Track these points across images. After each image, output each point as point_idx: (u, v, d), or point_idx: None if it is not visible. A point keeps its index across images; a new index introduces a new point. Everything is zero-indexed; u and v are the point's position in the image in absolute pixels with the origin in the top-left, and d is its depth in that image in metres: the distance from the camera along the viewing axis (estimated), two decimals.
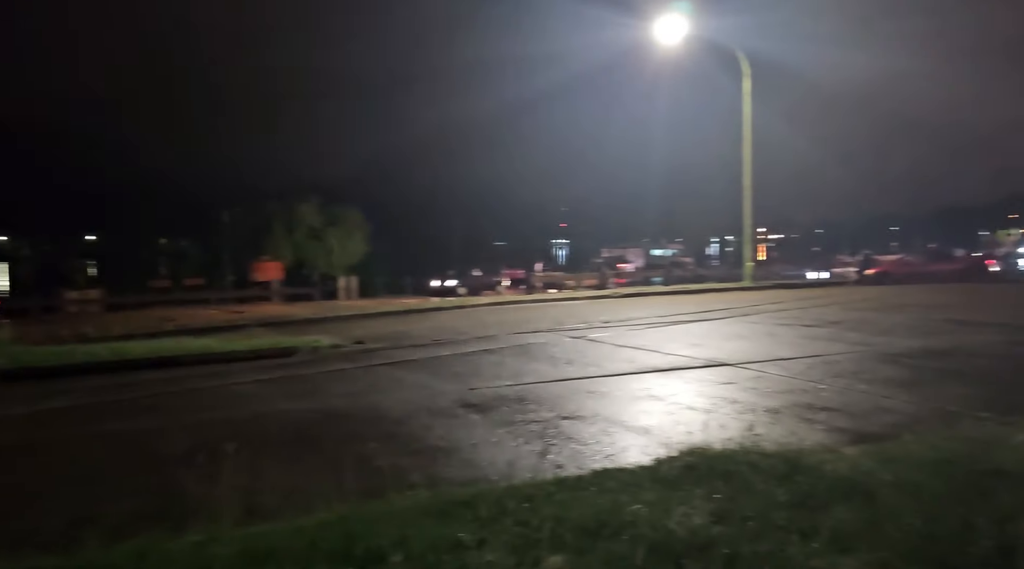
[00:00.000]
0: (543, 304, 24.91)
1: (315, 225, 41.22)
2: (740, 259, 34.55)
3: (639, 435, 6.32)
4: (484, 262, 55.61)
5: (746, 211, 31.67)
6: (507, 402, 7.84)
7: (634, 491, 4.22)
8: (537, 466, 5.23)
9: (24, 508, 4.70)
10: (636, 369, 9.87)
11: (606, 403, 7.73)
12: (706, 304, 21.39)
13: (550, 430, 6.53)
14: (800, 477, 4.31)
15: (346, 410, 7.73)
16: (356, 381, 9.64)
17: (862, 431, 6.21)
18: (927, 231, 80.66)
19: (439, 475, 5.22)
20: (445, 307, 23.95)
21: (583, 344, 12.73)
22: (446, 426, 6.81)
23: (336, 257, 41.18)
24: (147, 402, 8.55)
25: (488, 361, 11.01)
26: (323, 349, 12.50)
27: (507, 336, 14.30)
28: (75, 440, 6.71)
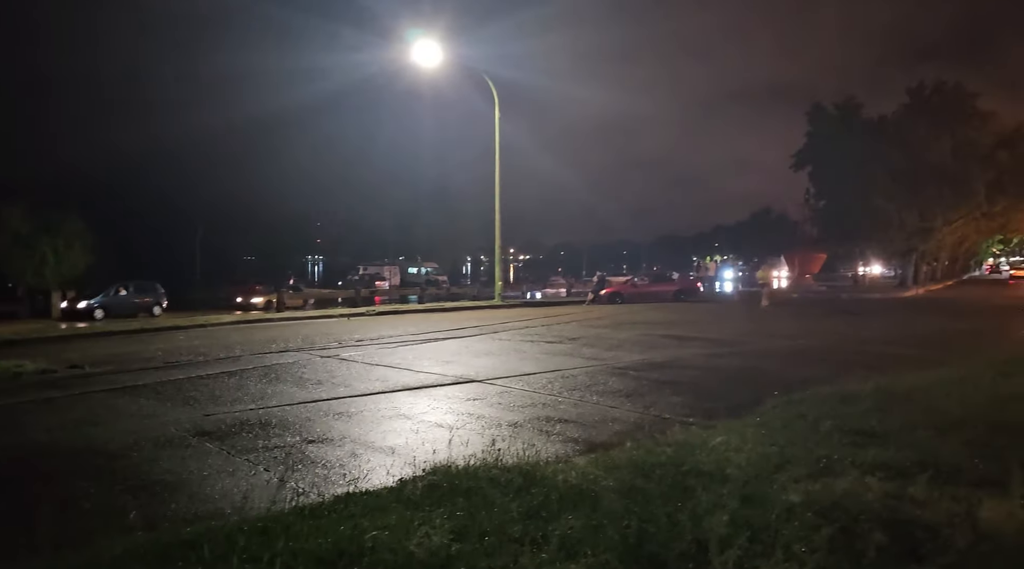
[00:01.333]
0: (294, 322, 23.94)
1: (23, 232, 35.80)
2: (492, 278, 35.98)
3: (386, 455, 6.25)
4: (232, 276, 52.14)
5: (497, 232, 33.14)
6: (248, 428, 7.37)
7: (377, 515, 4.14)
8: (276, 495, 4.94)
9: None
10: (387, 388, 9.80)
11: (354, 424, 7.56)
12: (459, 322, 21.96)
13: (294, 455, 6.23)
14: (535, 489, 4.52)
15: (49, 446, 6.74)
16: (67, 411, 8.47)
17: (592, 440, 6.70)
18: (652, 256, 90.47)
19: (163, 513, 4.72)
20: (184, 325, 22.06)
21: (334, 364, 12.40)
22: (175, 458, 6.21)
23: (50, 268, 36.12)
24: None
25: (229, 384, 10.29)
26: (26, 375, 10.84)
27: (252, 356, 13.51)
28: None
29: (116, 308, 31.52)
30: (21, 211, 35.87)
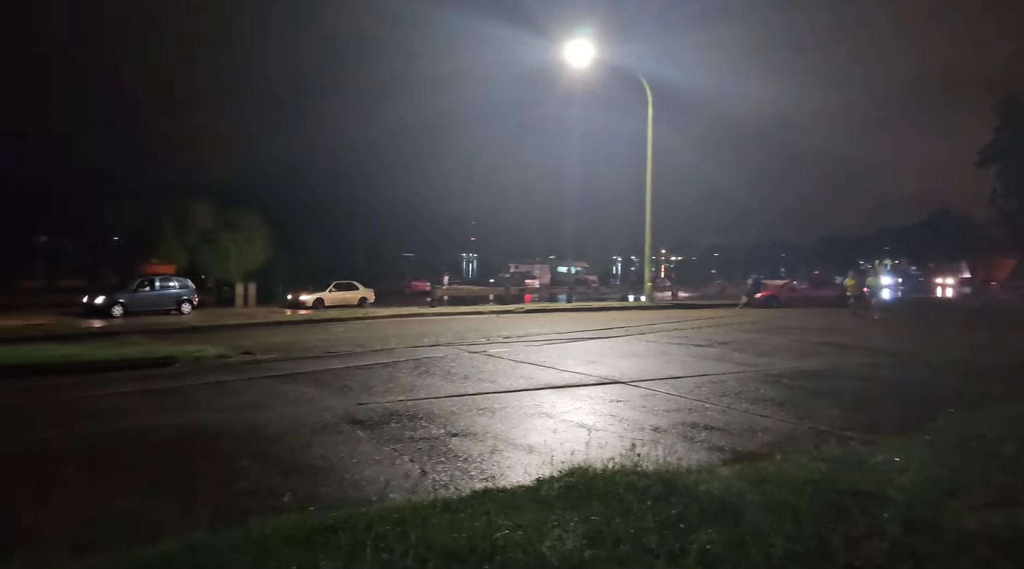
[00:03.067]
0: (446, 318, 24.71)
1: (210, 228, 39.42)
2: (643, 279, 35.43)
3: (525, 453, 6.26)
4: (391, 272, 54.83)
5: (647, 232, 32.55)
6: (397, 418, 7.64)
7: (512, 513, 4.13)
8: (417, 486, 5.07)
9: None
10: (531, 386, 9.84)
11: (497, 420, 7.64)
12: (606, 322, 21.75)
13: (437, 448, 6.38)
14: (675, 498, 4.33)
15: (217, 426, 7.31)
16: (236, 395, 9.18)
17: (739, 450, 6.36)
18: (813, 259, 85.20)
19: (313, 496, 4.97)
20: (344, 318, 23.37)
21: (481, 359, 12.64)
22: (328, 443, 6.54)
23: (233, 262, 39.54)
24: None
25: (382, 375, 10.75)
26: (205, 359, 11.88)
27: (405, 349, 14.05)
28: None
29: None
30: (208, 209, 39.56)
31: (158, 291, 28.30)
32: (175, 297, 28.51)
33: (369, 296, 35.03)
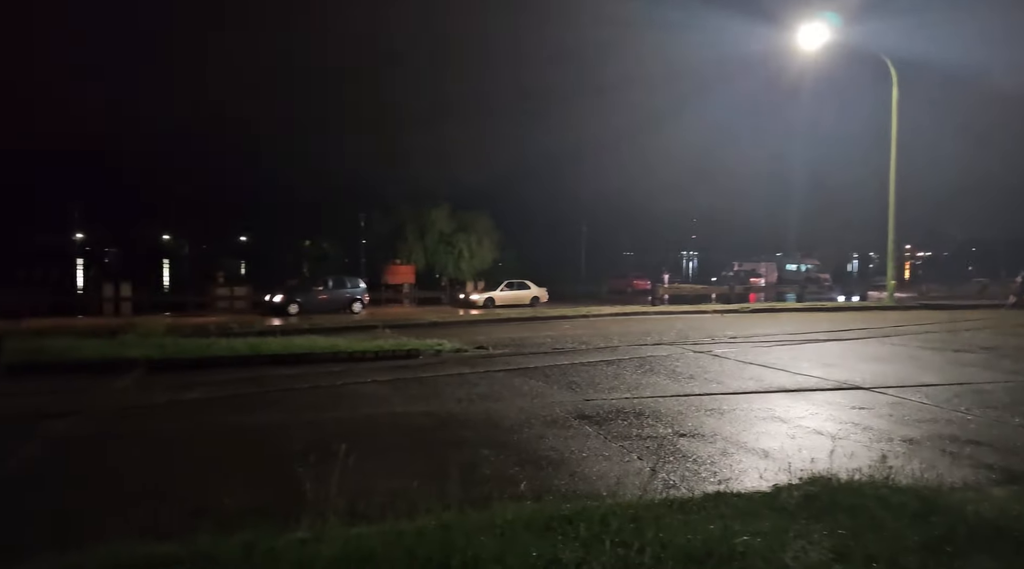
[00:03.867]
0: (668, 316, 24.36)
1: (446, 230, 42.31)
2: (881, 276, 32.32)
3: (759, 458, 6.01)
4: (612, 271, 55.18)
5: (890, 227, 29.63)
6: (623, 415, 7.69)
7: (748, 519, 4.00)
8: (648, 484, 5.07)
9: (147, 498, 5.03)
10: (761, 388, 9.42)
11: (726, 422, 7.42)
12: (842, 323, 20.17)
13: (665, 447, 6.33)
14: (937, 518, 3.93)
15: (460, 415, 7.82)
16: (474, 386, 9.76)
17: (1014, 470, 5.60)
18: None
19: (547, 487, 5.16)
20: (569, 316, 23.89)
21: (706, 359, 12.31)
22: (558, 437, 6.75)
23: (466, 262, 42.13)
24: (272, 397, 9.02)
25: (607, 372, 10.86)
26: (445, 353, 12.77)
27: (628, 348, 14.06)
28: (202, 432, 7.16)
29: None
30: (446, 213, 42.46)
31: (332, 291, 29.58)
32: (348, 297, 29.64)
33: (542, 296, 34.68)
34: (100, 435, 6.97)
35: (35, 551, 3.62)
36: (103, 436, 6.94)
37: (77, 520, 4.45)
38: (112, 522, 4.26)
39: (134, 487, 5.23)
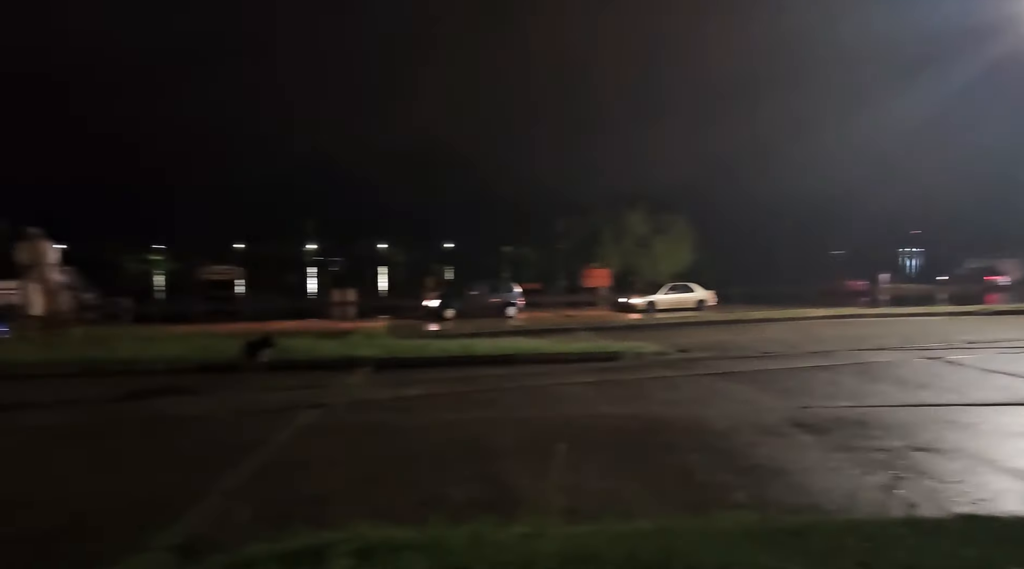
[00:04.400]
0: (889, 319, 22.34)
1: (642, 233, 41.99)
2: None
3: (1017, 480, 5.30)
4: (820, 271, 51.63)
5: None
6: (845, 425, 7.14)
7: (1011, 547, 3.54)
8: (883, 501, 4.66)
9: (380, 485, 5.42)
10: (1011, 399, 8.33)
11: (970, 436, 6.63)
12: None
13: (898, 461, 5.78)
14: None
15: (666, 419, 7.67)
16: (678, 390, 9.54)
17: None
18: None
19: (765, 498, 4.90)
20: (775, 318, 22.69)
21: (940, 366, 11.12)
22: (774, 445, 6.40)
23: (662, 265, 41.50)
24: (484, 396, 9.39)
25: (822, 378, 10.16)
26: (646, 355, 12.62)
27: (845, 352, 13.07)
28: (424, 426, 7.60)
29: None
30: (641, 217, 42.13)
31: (487, 296, 30.12)
32: (502, 302, 29.94)
33: (709, 299, 32.82)
34: (339, 426, 7.65)
35: (296, 525, 4.03)
36: (342, 427, 7.61)
37: (324, 500, 4.91)
38: (352, 504, 4.64)
39: (368, 473, 5.68)
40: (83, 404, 8.95)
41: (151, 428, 7.67)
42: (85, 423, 7.88)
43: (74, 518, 4.70)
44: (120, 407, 8.83)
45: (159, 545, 4.04)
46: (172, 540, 4.14)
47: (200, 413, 8.23)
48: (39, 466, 6.24)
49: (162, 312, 36.33)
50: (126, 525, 4.56)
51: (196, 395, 9.45)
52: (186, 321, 29.65)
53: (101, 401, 9.13)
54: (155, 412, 8.42)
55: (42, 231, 15.48)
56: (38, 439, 7.23)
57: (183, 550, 3.98)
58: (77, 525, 4.57)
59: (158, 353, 12.25)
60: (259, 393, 9.56)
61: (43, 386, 10.44)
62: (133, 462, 6.25)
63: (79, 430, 7.54)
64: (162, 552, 3.93)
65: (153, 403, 8.99)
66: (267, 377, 10.53)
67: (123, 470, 5.98)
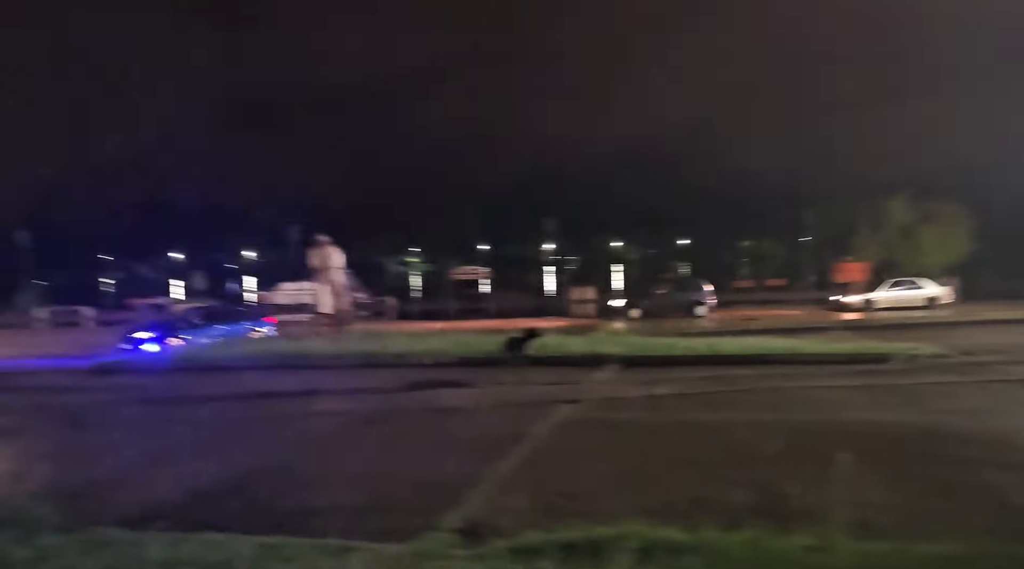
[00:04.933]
0: None
1: (905, 222, 37.88)
2: None
3: None
4: None
5: None
6: None
7: None
8: None
9: (645, 484, 5.43)
10: None
11: None
12: None
13: None
14: None
15: (952, 429, 6.83)
16: (964, 397, 8.49)
17: None
18: None
19: None
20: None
21: None
22: None
23: (929, 257, 37.15)
24: (736, 397, 9.03)
25: None
26: (921, 358, 11.37)
27: None
28: (676, 425, 7.52)
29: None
30: (904, 203, 38.08)
31: (674, 295, 29.34)
32: (690, 300, 28.60)
33: (943, 296, 28.67)
34: (595, 421, 7.86)
35: (567, 517, 4.20)
36: (597, 422, 7.81)
37: (589, 494, 5.05)
38: (618, 500, 4.72)
39: (630, 471, 5.76)
40: (368, 393, 10.05)
41: (427, 417, 8.41)
42: (372, 411, 8.84)
43: (375, 495, 5.31)
44: (399, 397, 9.78)
45: (445, 526, 4.43)
46: (455, 522, 4.52)
47: (466, 404, 8.86)
48: (343, 447, 7.13)
49: (420, 310, 39.57)
50: (414, 505, 5.06)
51: (461, 387, 10.19)
52: (440, 318, 32.16)
53: (382, 391, 10.19)
54: (428, 402, 9.21)
55: (329, 238, 17.67)
56: (338, 423, 8.25)
57: (466, 532, 4.32)
58: (377, 502, 5.15)
59: (424, 348, 13.39)
60: (516, 387, 10.08)
61: (333, 376, 11.89)
62: (415, 447, 6.91)
63: (368, 417, 8.48)
64: (448, 533, 4.29)
65: (426, 394, 9.84)
66: (522, 371, 11.05)
67: (408, 454, 6.63)
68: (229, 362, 13.45)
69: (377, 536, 4.13)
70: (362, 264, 35.92)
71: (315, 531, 4.22)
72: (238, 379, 11.91)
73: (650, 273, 53.51)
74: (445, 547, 3.99)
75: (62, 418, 8.99)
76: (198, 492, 5.43)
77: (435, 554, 3.82)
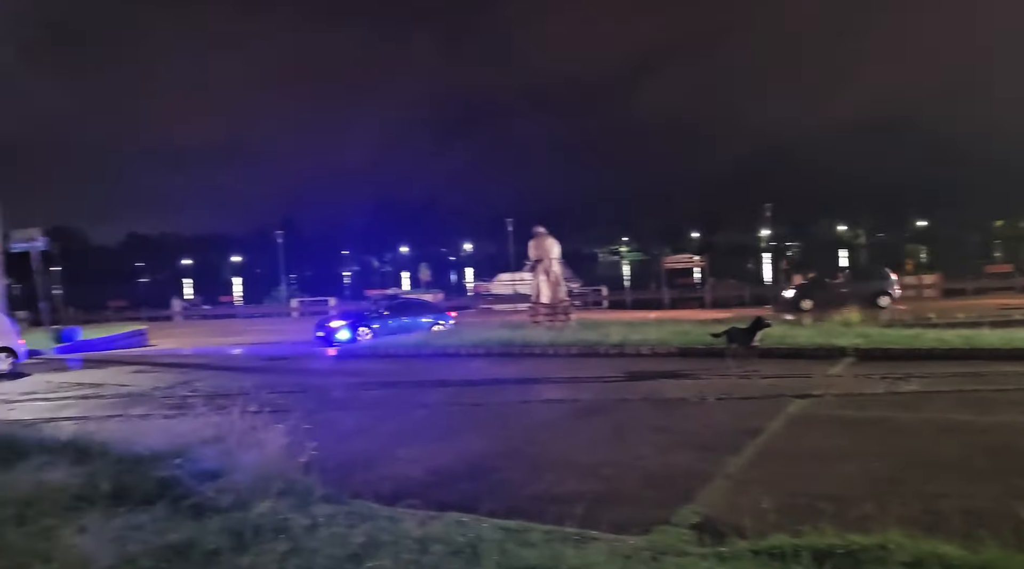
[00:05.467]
0: None
1: None
2: None
3: None
4: None
5: None
6: None
7: None
8: None
9: (900, 489, 4.92)
10: None
11: None
12: None
13: None
14: None
15: None
16: None
17: None
18: None
19: None
20: None
21: None
22: None
23: None
24: (996, 396, 7.96)
25: None
26: None
27: None
28: (930, 426, 6.74)
29: None
30: None
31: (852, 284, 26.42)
32: (872, 290, 25.37)
33: None
34: (834, 418, 7.32)
35: (811, 520, 3.91)
36: (837, 420, 7.27)
37: (835, 498, 4.63)
38: (869, 506, 4.28)
39: (881, 474, 5.28)
40: (588, 382, 10.14)
41: (650, 408, 8.29)
42: (593, 400, 8.89)
43: (606, 485, 5.32)
44: (619, 387, 9.76)
45: (679, 521, 4.31)
46: (689, 518, 4.38)
47: (690, 396, 8.62)
48: (569, 435, 7.23)
49: (632, 300, 39.25)
50: (645, 497, 4.99)
51: (684, 378, 9.94)
52: (653, 308, 31.64)
53: (603, 380, 10.23)
54: (650, 392, 9.09)
55: (547, 229, 18.04)
56: (561, 411, 8.39)
57: (702, 529, 4.18)
58: (607, 492, 5.15)
59: (641, 338, 13.23)
60: (741, 379, 9.64)
61: (553, 364, 12.14)
62: (641, 438, 6.82)
63: (591, 406, 8.55)
64: (683, 528, 4.17)
65: (647, 384, 9.72)
66: (747, 363, 10.54)
67: (634, 445, 6.56)
68: (453, 350, 14.22)
69: (610, 527, 4.12)
70: (573, 254, 36.45)
71: (551, 518, 4.28)
72: (462, 366, 12.57)
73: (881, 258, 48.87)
74: (682, 543, 3.88)
75: (314, 398, 10.02)
76: (438, 472, 5.78)
77: (672, 550, 3.72)
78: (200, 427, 5.68)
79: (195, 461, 4.89)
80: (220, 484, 4.47)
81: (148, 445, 5.36)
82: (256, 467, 4.68)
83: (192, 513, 4.08)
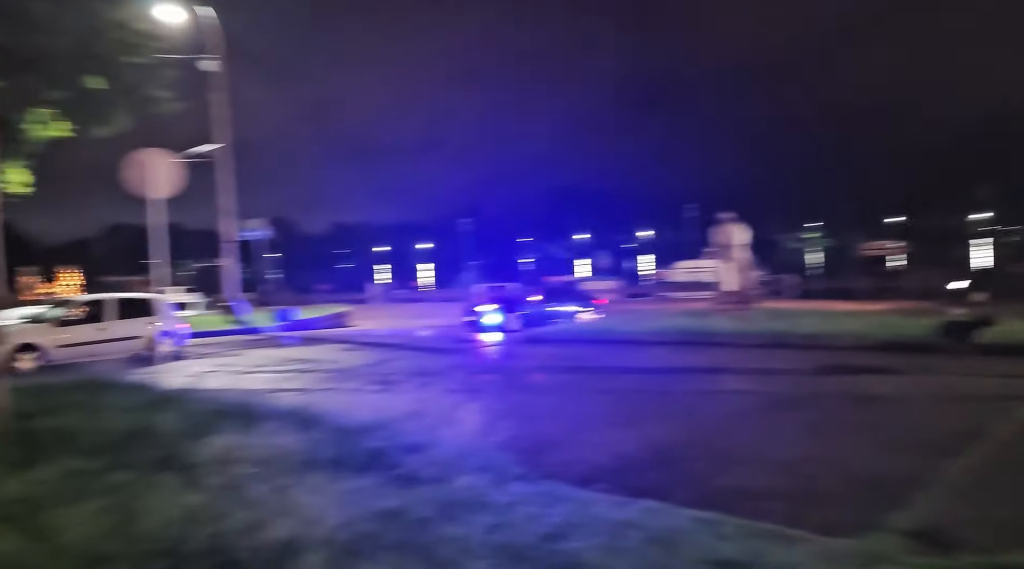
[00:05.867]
0: None
1: None
2: None
3: None
4: None
5: None
6: None
7: None
8: None
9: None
10: None
11: None
12: None
13: None
14: None
15: None
16: None
17: None
18: None
19: None
20: None
21: None
22: None
23: None
24: None
25: None
26: None
27: None
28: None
29: None
30: None
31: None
32: None
33: None
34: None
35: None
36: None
37: None
38: None
39: None
40: (778, 375, 9.66)
41: (848, 404, 7.77)
42: (783, 393, 8.45)
43: (805, 483, 5.05)
44: (812, 380, 9.21)
45: (893, 527, 4.00)
46: (903, 524, 4.06)
47: (895, 393, 7.98)
48: (759, 428, 6.94)
49: (824, 289, 36.83)
50: (849, 498, 4.68)
51: (887, 374, 9.21)
52: (848, 298, 29.45)
53: (793, 373, 9.70)
54: (848, 387, 8.51)
55: (734, 215, 17.34)
56: (749, 404, 8.05)
57: (919, 537, 3.86)
58: (806, 490, 4.88)
59: (837, 329, 12.39)
60: (960, 378, 8.78)
61: (740, 355, 11.69)
62: (840, 436, 6.41)
63: (780, 400, 8.13)
64: (896, 535, 3.87)
65: (844, 379, 9.11)
66: (967, 361, 9.53)
67: (832, 443, 6.17)
68: (632, 336, 14.09)
69: (813, 527, 3.91)
70: (760, 241, 34.67)
71: (746, 512, 4.15)
72: (643, 354, 12.42)
73: None
74: (897, 551, 3.60)
75: (502, 381, 10.36)
76: (627, 458, 5.76)
77: (887, 557, 3.47)
78: (402, 403, 6.08)
79: (400, 434, 5.24)
80: (423, 457, 4.76)
81: (358, 417, 5.82)
82: (454, 443, 4.93)
83: (400, 483, 4.38)
